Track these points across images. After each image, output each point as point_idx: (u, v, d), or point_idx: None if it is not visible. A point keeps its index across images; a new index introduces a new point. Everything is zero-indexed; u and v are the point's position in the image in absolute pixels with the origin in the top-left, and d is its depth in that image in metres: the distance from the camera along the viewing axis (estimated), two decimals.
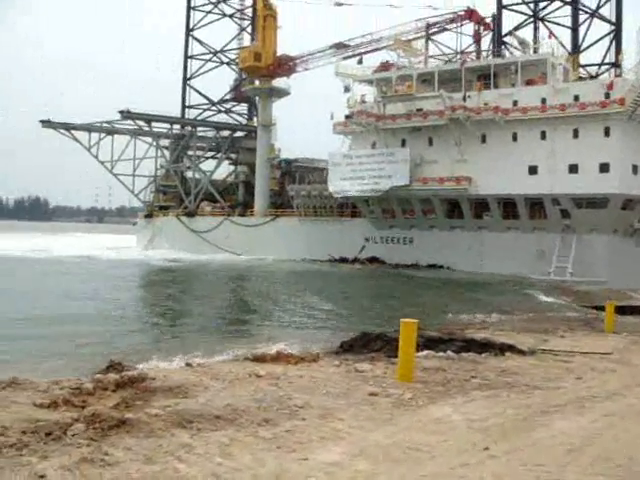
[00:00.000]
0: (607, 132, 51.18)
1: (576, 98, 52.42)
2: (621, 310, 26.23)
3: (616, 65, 58.37)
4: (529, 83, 55.77)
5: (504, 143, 55.31)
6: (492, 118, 55.23)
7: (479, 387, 12.47)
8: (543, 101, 53.73)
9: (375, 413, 10.28)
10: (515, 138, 55.11)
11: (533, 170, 53.63)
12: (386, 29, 66.68)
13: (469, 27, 67.91)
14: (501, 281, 47.19)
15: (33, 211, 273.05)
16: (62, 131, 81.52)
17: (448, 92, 57.54)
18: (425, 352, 15.66)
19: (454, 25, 68.12)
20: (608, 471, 7.91)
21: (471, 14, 65.56)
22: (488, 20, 68.42)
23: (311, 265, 61.33)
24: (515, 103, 55.07)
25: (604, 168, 50.61)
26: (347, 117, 64.33)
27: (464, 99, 56.49)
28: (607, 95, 51.14)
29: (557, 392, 12.33)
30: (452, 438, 9.10)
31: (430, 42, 68.70)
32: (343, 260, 63.37)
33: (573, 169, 51.87)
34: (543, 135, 53.76)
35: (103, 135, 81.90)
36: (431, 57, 70.17)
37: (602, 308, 24.97)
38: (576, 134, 52.37)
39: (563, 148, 52.41)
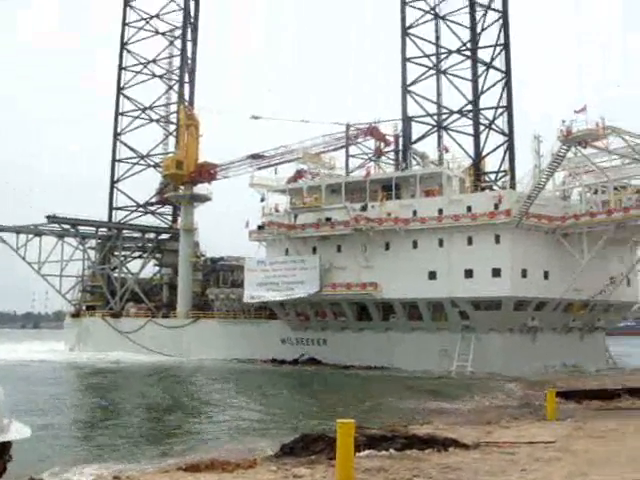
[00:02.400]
0: (498, 239, 52.18)
1: (469, 209, 53.50)
2: (565, 395, 25.57)
3: (509, 175, 60.47)
4: (428, 194, 56.75)
5: (406, 250, 55.51)
6: (393, 228, 55.83)
7: None
8: (440, 211, 54.53)
9: None
10: (416, 245, 55.47)
11: (433, 275, 53.90)
12: (296, 143, 67.11)
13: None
14: (436, 376, 46.37)
15: None
16: None
17: (355, 201, 57.99)
18: (366, 452, 14.32)
19: (358, 140, 69.44)
20: None
21: (372, 131, 66.91)
22: (390, 135, 69.62)
23: (251, 366, 57.51)
24: (415, 213, 55.70)
25: (496, 273, 51.29)
26: (259, 227, 63.92)
27: (364, 209, 56.93)
28: (496, 206, 52.48)
29: None
30: None
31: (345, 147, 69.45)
32: (282, 362, 59.99)
33: (468, 274, 52.36)
34: (441, 242, 54.34)
35: (31, 237, 78.27)
36: (352, 156, 71.17)
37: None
38: (470, 241, 53.18)
39: (459, 254, 52.96)
